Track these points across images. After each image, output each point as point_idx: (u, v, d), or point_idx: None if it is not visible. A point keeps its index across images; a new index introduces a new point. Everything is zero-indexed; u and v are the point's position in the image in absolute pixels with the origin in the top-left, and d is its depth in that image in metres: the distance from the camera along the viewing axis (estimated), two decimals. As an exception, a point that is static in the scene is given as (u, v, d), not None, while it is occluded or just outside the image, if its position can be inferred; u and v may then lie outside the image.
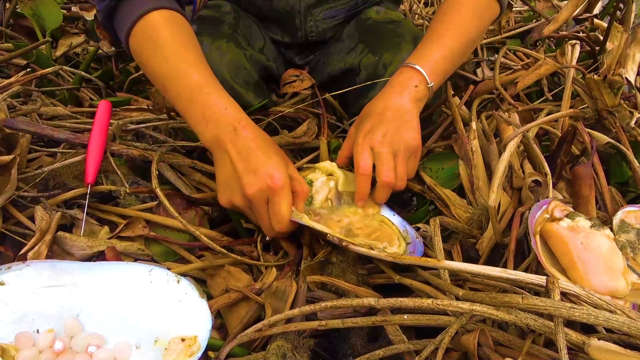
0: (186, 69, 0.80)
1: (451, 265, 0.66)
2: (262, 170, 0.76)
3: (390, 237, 0.85)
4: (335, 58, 1.16)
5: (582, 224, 0.73)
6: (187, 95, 0.80)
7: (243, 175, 0.77)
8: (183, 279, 0.73)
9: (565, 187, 0.94)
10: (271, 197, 0.77)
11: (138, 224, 0.87)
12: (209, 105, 0.79)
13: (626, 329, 0.55)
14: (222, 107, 0.79)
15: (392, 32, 1.10)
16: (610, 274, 0.68)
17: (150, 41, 0.82)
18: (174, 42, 0.81)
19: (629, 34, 1.20)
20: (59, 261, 0.74)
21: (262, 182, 0.76)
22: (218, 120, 0.79)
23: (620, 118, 1.02)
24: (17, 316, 0.69)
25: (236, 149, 0.78)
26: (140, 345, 0.69)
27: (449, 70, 0.94)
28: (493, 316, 0.60)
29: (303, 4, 1.10)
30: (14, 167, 0.82)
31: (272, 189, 0.76)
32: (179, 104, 0.82)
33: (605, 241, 0.70)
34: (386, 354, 0.69)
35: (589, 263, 0.68)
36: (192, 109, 0.80)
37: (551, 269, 0.69)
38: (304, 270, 0.80)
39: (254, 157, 0.77)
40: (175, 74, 0.80)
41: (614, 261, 0.69)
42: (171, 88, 0.82)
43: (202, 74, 0.81)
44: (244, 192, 0.77)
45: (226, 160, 0.79)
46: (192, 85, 0.80)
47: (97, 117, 0.93)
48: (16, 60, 1.26)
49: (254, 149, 0.77)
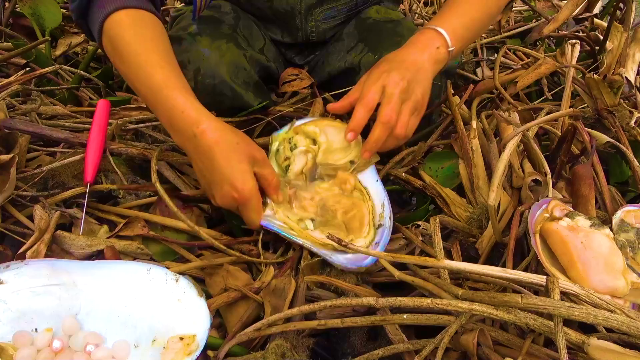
0: (148, 70, 0.79)
1: (450, 264, 0.66)
2: (226, 184, 0.77)
3: (362, 220, 0.85)
4: (335, 57, 1.16)
5: (581, 224, 0.73)
6: (151, 98, 0.80)
7: (211, 186, 0.80)
8: (182, 278, 0.73)
9: (565, 187, 0.94)
10: (239, 207, 0.80)
11: (137, 223, 0.87)
12: (169, 108, 0.78)
13: (625, 328, 0.55)
14: (180, 110, 0.78)
15: (392, 31, 1.10)
16: (610, 274, 0.68)
17: (117, 41, 0.81)
18: (137, 42, 0.81)
19: (629, 34, 1.20)
20: (58, 260, 0.74)
21: (227, 195, 0.78)
22: (179, 125, 0.79)
23: (620, 117, 1.02)
24: (15, 315, 0.69)
25: (199, 158, 0.78)
26: (138, 344, 0.69)
27: (469, 38, 0.96)
28: (492, 315, 0.60)
29: (304, 4, 1.10)
30: (13, 167, 0.81)
31: (238, 201, 0.78)
32: (149, 106, 0.83)
33: (605, 241, 0.70)
34: (385, 354, 0.69)
35: (589, 262, 0.68)
36: (158, 112, 0.81)
37: (551, 268, 0.69)
38: (303, 269, 0.80)
39: (217, 167, 0.77)
40: (141, 75, 0.80)
41: (613, 261, 0.69)
42: (139, 90, 0.82)
43: (164, 75, 0.79)
44: (215, 199, 0.81)
45: (194, 164, 0.81)
46: (154, 87, 0.79)
47: (96, 117, 0.93)
48: (15, 59, 1.26)
49: (216, 158, 0.77)
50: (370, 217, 0.87)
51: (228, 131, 0.79)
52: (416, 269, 0.78)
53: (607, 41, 1.32)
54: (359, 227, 0.85)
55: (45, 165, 0.90)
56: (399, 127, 0.85)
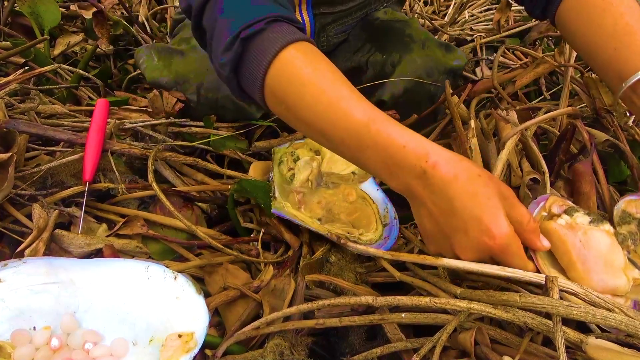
0: (342, 107, 0.64)
1: (449, 263, 0.66)
2: (475, 230, 0.60)
3: (369, 219, 0.87)
4: (341, 58, 1.16)
5: (580, 220, 0.70)
6: (354, 141, 0.64)
7: (450, 234, 0.62)
8: (180, 276, 0.73)
9: (564, 186, 0.94)
10: (496, 256, 0.62)
11: (136, 222, 0.87)
12: (383, 147, 0.62)
13: (624, 327, 0.55)
14: (399, 146, 0.62)
15: (400, 32, 1.10)
16: (610, 272, 0.66)
17: (293, 81, 0.66)
18: (317, 78, 0.65)
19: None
20: (56, 258, 0.74)
21: (479, 244, 0.60)
22: (400, 164, 0.62)
23: (618, 117, 1.02)
24: (13, 313, 0.69)
25: (432, 197, 0.62)
26: (137, 341, 0.69)
27: None
28: (491, 314, 0.60)
29: (318, 24, 1.10)
30: (12, 165, 0.81)
31: (495, 250, 0.61)
32: (348, 152, 0.66)
33: (604, 238, 0.68)
34: (384, 352, 0.69)
35: (588, 262, 0.66)
36: (366, 155, 0.64)
37: (550, 269, 0.67)
38: (302, 268, 0.80)
39: (460, 211, 0.60)
40: (333, 116, 0.64)
41: (613, 258, 0.67)
42: (333, 136, 0.65)
43: (364, 109, 0.64)
44: (455, 253, 0.63)
45: (424, 212, 0.64)
46: (357, 125, 0.63)
47: (95, 116, 0.93)
48: (14, 58, 1.26)
49: (457, 198, 0.60)
50: (377, 217, 0.89)
51: (466, 162, 0.62)
52: (415, 268, 0.78)
53: (606, 41, 1.32)
54: (366, 225, 0.86)
55: (44, 164, 0.90)
56: None
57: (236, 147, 1.04)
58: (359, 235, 0.83)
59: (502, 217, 0.60)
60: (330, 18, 1.10)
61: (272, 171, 0.91)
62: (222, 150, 1.03)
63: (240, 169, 1.04)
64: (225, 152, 1.03)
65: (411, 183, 0.62)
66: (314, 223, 0.84)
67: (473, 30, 1.72)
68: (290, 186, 0.91)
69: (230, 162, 1.06)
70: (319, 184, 0.93)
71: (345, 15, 1.12)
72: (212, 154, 1.06)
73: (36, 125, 0.94)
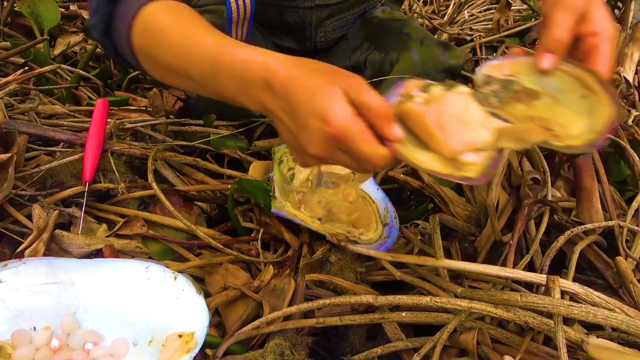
0: (196, 41, 0.67)
1: (450, 263, 0.66)
2: (312, 120, 0.58)
3: (369, 218, 0.87)
4: (340, 57, 1.16)
5: (435, 91, 0.65)
6: (208, 69, 0.66)
7: (298, 134, 0.61)
8: (180, 276, 0.73)
9: (564, 186, 0.94)
10: (341, 145, 0.59)
11: (136, 222, 0.87)
12: (231, 67, 0.64)
13: (625, 327, 0.55)
14: (242, 61, 0.63)
15: (398, 30, 1.10)
16: (468, 129, 0.62)
17: (154, 33, 0.71)
18: (178, 24, 0.70)
19: (627, 33, 1.20)
20: (56, 258, 0.74)
21: (319, 135, 0.58)
22: (247, 79, 0.63)
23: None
24: (13, 314, 0.68)
25: (278, 104, 0.61)
26: (137, 342, 0.68)
27: None
28: (492, 314, 0.60)
29: (315, 18, 1.10)
30: (12, 166, 0.81)
31: (336, 137, 0.58)
32: (208, 84, 0.68)
33: (457, 99, 0.64)
34: (384, 352, 0.69)
35: (446, 127, 0.61)
36: (222, 82, 0.66)
37: (412, 148, 0.61)
38: (302, 268, 0.80)
39: (298, 107, 0.59)
40: (188, 54, 0.68)
41: (469, 115, 0.63)
42: (191, 70, 0.68)
43: (214, 38, 0.66)
44: (308, 153, 0.61)
45: (278, 122, 0.64)
46: (208, 55, 0.66)
47: (95, 116, 0.93)
48: (14, 58, 1.26)
49: (295, 96, 0.59)
50: (377, 216, 0.89)
51: (301, 61, 0.62)
52: (415, 267, 0.78)
53: (606, 40, 1.32)
54: (367, 224, 0.86)
55: (44, 164, 0.90)
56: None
57: (236, 146, 1.03)
58: (359, 235, 0.83)
59: (338, 102, 0.58)
60: (326, 12, 1.09)
61: (272, 171, 0.91)
62: (222, 149, 1.03)
63: (241, 168, 1.04)
64: (225, 151, 1.02)
65: (262, 97, 0.62)
66: (314, 222, 0.84)
67: (472, 30, 1.72)
68: (290, 186, 0.91)
69: (230, 161, 1.06)
70: (319, 183, 0.93)
71: (342, 9, 1.12)
72: (212, 153, 1.06)
73: (36, 125, 0.94)
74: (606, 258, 0.80)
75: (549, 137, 0.60)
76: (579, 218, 0.83)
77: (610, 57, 0.63)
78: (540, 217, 0.84)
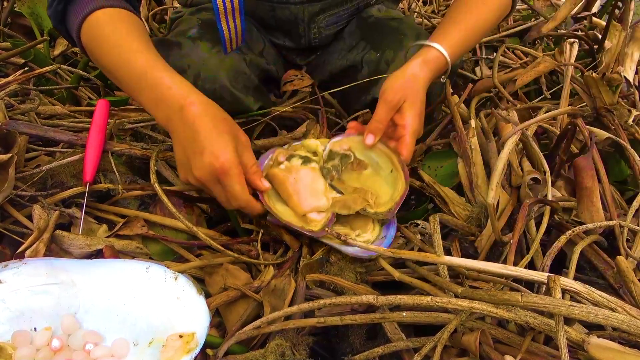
0: (130, 56, 0.80)
1: (451, 260, 0.65)
2: (207, 152, 0.75)
3: (366, 219, 0.87)
4: (336, 56, 1.16)
5: (295, 163, 0.90)
6: (134, 84, 0.81)
7: (190, 157, 0.77)
8: (181, 276, 0.73)
9: (564, 186, 0.94)
10: (220, 179, 0.77)
11: (136, 222, 0.87)
12: (154, 87, 0.79)
13: (626, 327, 0.55)
14: (166, 87, 0.78)
15: (394, 29, 1.10)
16: (315, 196, 0.86)
17: (95, 38, 0.83)
18: (115, 35, 0.82)
19: (628, 33, 1.20)
20: (56, 259, 0.74)
21: (208, 164, 0.75)
22: (166, 100, 0.78)
23: (619, 116, 1.02)
24: (14, 314, 0.68)
25: (183, 128, 0.77)
26: (138, 342, 0.68)
27: (465, 51, 1.02)
28: (492, 314, 0.60)
29: (307, 13, 1.10)
30: (12, 166, 0.81)
31: (219, 171, 0.76)
32: (132, 94, 0.83)
33: (309, 172, 0.89)
34: (385, 352, 0.69)
35: (300, 192, 0.86)
36: (143, 96, 0.81)
37: (275, 203, 0.85)
38: (302, 268, 0.80)
39: (199, 138, 0.76)
40: (122, 63, 0.81)
41: (316, 186, 0.88)
42: (121, 79, 0.82)
43: (146, 58, 0.80)
44: (193, 174, 0.78)
45: (176, 140, 0.79)
46: (137, 71, 0.80)
47: (95, 116, 0.93)
48: (14, 59, 1.26)
49: (200, 127, 0.76)
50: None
51: (215, 107, 0.80)
52: (416, 267, 0.78)
53: (606, 40, 1.32)
54: (363, 225, 0.86)
55: (44, 165, 0.90)
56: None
57: (236, 147, 1.03)
58: (356, 237, 0.83)
59: (229, 149, 0.76)
60: (318, 6, 1.09)
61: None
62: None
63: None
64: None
65: (171, 116, 0.78)
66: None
67: (473, 30, 1.72)
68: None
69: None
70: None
71: (334, 4, 1.11)
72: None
73: (36, 126, 0.94)
74: (606, 258, 0.80)
75: (366, 205, 0.84)
76: (580, 218, 0.83)
77: (410, 145, 0.87)
78: (540, 217, 0.84)
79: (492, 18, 0.99)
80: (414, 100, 0.88)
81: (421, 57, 0.92)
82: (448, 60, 0.93)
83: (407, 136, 0.87)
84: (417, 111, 0.88)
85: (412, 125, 0.87)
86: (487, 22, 0.99)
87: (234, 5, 0.90)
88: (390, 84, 0.89)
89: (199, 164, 0.76)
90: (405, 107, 0.88)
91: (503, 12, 1.01)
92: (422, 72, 0.91)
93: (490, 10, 0.97)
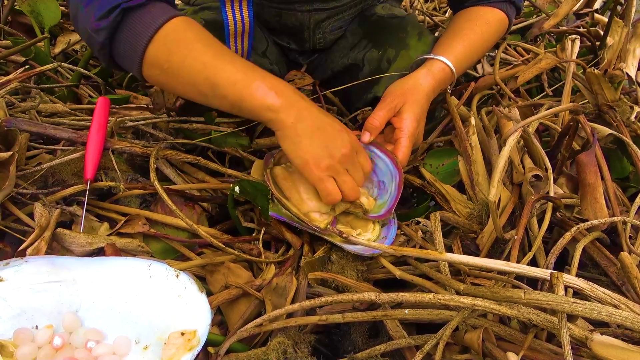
0: (222, 67, 0.75)
1: (453, 257, 0.65)
2: (344, 129, 0.81)
3: (366, 219, 0.87)
4: (338, 55, 1.16)
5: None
6: (236, 98, 0.76)
7: (330, 140, 0.79)
8: (182, 274, 0.73)
9: (566, 183, 0.94)
10: (358, 151, 0.84)
11: (138, 220, 0.87)
12: (255, 104, 0.76)
13: (629, 324, 0.55)
14: (267, 107, 0.76)
15: (396, 28, 1.10)
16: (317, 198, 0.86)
17: (179, 44, 0.75)
18: (201, 40, 0.76)
19: (630, 29, 1.20)
20: (58, 257, 0.74)
21: (348, 140, 0.81)
22: (288, 98, 0.77)
23: (621, 113, 1.01)
24: (15, 312, 0.68)
25: (311, 118, 0.78)
26: (139, 340, 0.68)
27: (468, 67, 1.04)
28: (495, 311, 0.60)
29: (312, 20, 1.10)
30: (13, 164, 0.81)
31: (357, 143, 0.83)
32: (227, 105, 0.79)
33: None
34: (387, 349, 0.69)
35: (304, 191, 0.87)
36: (244, 106, 0.77)
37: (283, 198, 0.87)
38: (304, 266, 0.80)
39: (331, 121, 0.81)
40: (215, 71, 0.75)
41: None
42: (214, 93, 0.77)
43: (240, 68, 0.76)
44: (339, 153, 0.80)
45: (305, 134, 0.78)
46: (235, 89, 0.75)
47: (96, 114, 0.93)
48: (14, 57, 1.26)
49: (325, 113, 0.81)
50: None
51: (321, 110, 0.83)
52: (417, 265, 0.78)
53: (608, 36, 1.31)
54: (363, 225, 0.86)
55: (45, 162, 0.90)
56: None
57: (237, 144, 1.03)
58: (356, 236, 0.83)
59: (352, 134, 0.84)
60: (324, 14, 1.09)
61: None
62: (224, 147, 1.02)
63: (241, 166, 1.04)
64: (226, 149, 1.02)
65: (300, 114, 0.77)
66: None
67: (474, 27, 1.71)
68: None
69: (231, 159, 1.06)
70: None
71: (340, 11, 1.12)
72: (213, 150, 1.06)
73: (37, 124, 0.94)
74: (609, 255, 0.80)
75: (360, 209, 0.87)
76: (583, 214, 0.83)
77: (406, 148, 0.89)
78: (542, 214, 0.84)
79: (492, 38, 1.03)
80: (413, 105, 0.90)
81: (426, 68, 0.94)
82: (453, 70, 0.94)
83: (403, 138, 0.89)
84: (416, 116, 0.89)
85: (409, 128, 0.89)
86: (488, 42, 1.02)
87: (244, 28, 0.90)
88: (392, 89, 0.92)
89: (341, 142, 0.80)
90: (404, 110, 0.89)
91: (502, 31, 1.04)
92: (426, 81, 0.92)
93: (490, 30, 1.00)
